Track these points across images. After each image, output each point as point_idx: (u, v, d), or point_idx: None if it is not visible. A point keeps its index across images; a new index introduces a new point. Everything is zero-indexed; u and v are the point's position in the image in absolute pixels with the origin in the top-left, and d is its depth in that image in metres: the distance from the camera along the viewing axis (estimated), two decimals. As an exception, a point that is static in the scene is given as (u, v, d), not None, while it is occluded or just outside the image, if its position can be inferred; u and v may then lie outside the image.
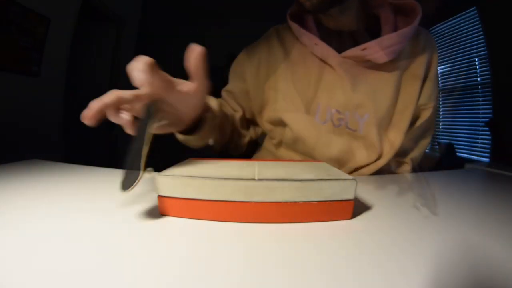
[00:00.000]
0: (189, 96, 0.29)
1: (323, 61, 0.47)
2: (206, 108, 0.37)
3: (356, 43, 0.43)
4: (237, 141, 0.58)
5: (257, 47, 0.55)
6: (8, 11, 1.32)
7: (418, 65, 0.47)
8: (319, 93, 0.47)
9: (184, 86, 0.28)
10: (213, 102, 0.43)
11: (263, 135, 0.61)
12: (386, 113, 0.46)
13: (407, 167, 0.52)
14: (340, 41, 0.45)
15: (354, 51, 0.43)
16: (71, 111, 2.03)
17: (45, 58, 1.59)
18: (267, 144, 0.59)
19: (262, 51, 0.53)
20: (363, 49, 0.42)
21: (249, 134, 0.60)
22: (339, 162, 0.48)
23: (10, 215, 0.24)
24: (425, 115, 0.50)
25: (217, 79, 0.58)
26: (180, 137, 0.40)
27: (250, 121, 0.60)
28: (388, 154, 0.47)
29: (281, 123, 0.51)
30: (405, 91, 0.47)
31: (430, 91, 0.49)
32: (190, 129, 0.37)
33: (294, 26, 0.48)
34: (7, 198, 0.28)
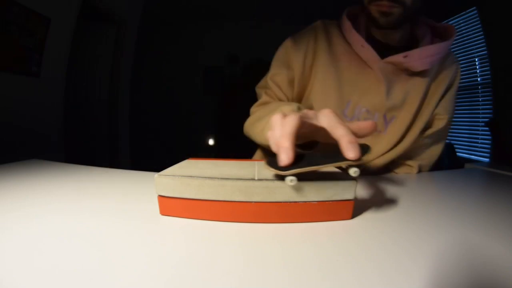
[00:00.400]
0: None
1: (363, 62, 0.51)
2: None
3: (396, 53, 0.47)
4: None
5: (304, 36, 0.56)
6: (8, 11, 1.32)
7: (443, 80, 0.52)
8: (354, 91, 0.50)
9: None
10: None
11: None
12: (410, 117, 0.50)
13: (413, 170, 0.54)
14: (381, 49, 0.49)
15: (396, 58, 0.46)
16: (71, 111, 2.03)
17: (45, 58, 1.59)
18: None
19: (309, 40, 0.55)
20: (405, 56, 0.46)
21: None
22: None
23: (10, 215, 0.24)
24: (438, 124, 0.53)
25: (217, 79, 0.58)
26: None
27: None
28: (398, 150, 0.51)
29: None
30: (428, 103, 0.51)
31: (447, 104, 0.53)
32: None
33: (348, 24, 0.50)
34: (7, 198, 0.28)
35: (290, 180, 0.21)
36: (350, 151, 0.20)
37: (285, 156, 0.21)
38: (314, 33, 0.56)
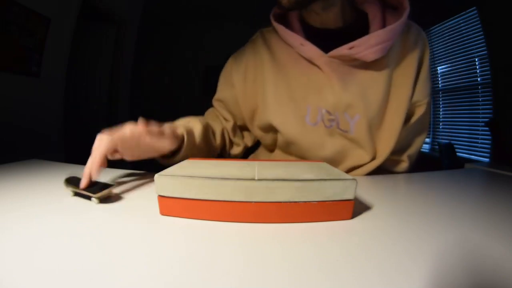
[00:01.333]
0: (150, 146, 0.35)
1: (310, 61, 0.46)
2: (179, 142, 0.41)
3: (344, 41, 0.41)
4: (230, 151, 0.59)
5: (244, 52, 0.55)
6: (8, 11, 1.32)
7: (410, 63, 0.45)
8: (308, 94, 0.46)
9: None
10: (197, 126, 0.45)
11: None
12: (377, 113, 0.45)
13: (404, 164, 0.52)
14: (328, 40, 0.43)
15: (341, 50, 0.41)
16: (71, 111, 2.03)
17: (45, 58, 1.59)
18: (261, 148, 0.59)
19: (248, 56, 0.53)
20: (350, 48, 0.40)
21: (244, 143, 0.60)
22: (333, 163, 0.48)
23: (10, 215, 0.24)
24: (420, 111, 0.48)
25: (217, 79, 0.58)
26: (160, 160, 0.43)
27: (243, 128, 0.60)
28: (383, 154, 0.47)
29: (272, 129, 0.50)
30: (397, 90, 0.45)
31: (423, 87, 0.47)
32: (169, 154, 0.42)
33: (279, 27, 0.47)
34: (7, 198, 0.28)
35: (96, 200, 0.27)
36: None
37: (83, 181, 0.29)
38: (252, 47, 0.53)
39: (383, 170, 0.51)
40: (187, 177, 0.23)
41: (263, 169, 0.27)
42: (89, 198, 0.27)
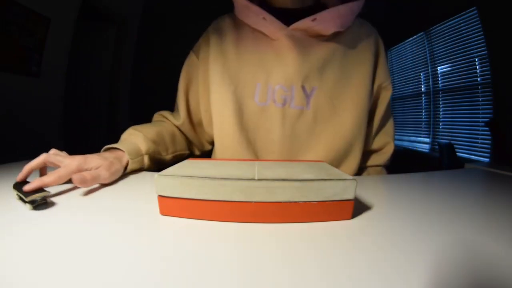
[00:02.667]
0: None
1: (265, 37, 0.47)
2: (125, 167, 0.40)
3: (300, 19, 0.43)
4: (196, 148, 0.59)
5: (199, 44, 0.54)
6: (8, 11, 1.32)
7: (366, 47, 0.49)
8: (258, 71, 0.46)
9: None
10: (143, 145, 0.44)
11: None
12: (335, 85, 0.46)
13: (391, 146, 0.53)
14: (285, 18, 0.45)
15: (304, 22, 0.43)
16: (71, 111, 2.03)
17: (45, 58, 1.59)
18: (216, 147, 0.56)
19: (201, 47, 0.53)
20: (313, 20, 0.42)
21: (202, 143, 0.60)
22: (288, 151, 0.47)
23: (10, 215, 0.24)
24: (387, 93, 0.51)
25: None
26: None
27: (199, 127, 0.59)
28: (349, 126, 0.47)
29: (220, 115, 0.49)
30: (356, 67, 0.47)
31: (384, 71, 0.50)
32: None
33: (243, 1, 0.46)
34: (7, 198, 0.28)
35: (30, 204, 0.25)
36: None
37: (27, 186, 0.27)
38: (206, 37, 0.53)
39: (374, 153, 0.54)
40: (187, 177, 0.23)
41: (263, 169, 0.27)
42: (24, 201, 0.26)
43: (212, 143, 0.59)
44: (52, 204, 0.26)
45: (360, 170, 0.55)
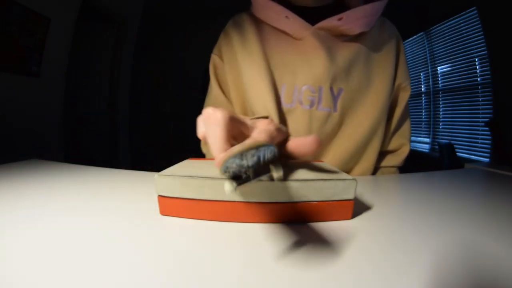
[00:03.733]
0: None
1: (288, 38, 0.46)
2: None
3: (323, 18, 0.42)
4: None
5: (218, 47, 0.53)
6: (8, 11, 1.32)
7: (388, 48, 0.48)
8: (284, 72, 0.45)
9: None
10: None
11: None
12: (359, 88, 0.45)
13: (407, 148, 0.52)
14: (307, 17, 0.44)
15: (330, 21, 0.42)
16: (71, 111, 2.03)
17: (45, 58, 1.59)
18: None
19: (223, 49, 0.51)
20: (339, 19, 0.41)
21: None
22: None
23: (10, 215, 0.24)
24: (405, 94, 0.50)
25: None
26: None
27: None
28: (366, 128, 0.46)
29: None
30: (379, 70, 0.47)
31: (403, 71, 0.50)
32: None
33: (264, 0, 0.45)
34: (7, 198, 0.28)
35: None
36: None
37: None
38: (226, 37, 0.51)
39: (389, 153, 0.53)
40: (187, 177, 0.23)
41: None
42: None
43: None
44: (59, 210, 0.26)
45: (374, 170, 0.54)
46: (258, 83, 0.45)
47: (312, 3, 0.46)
